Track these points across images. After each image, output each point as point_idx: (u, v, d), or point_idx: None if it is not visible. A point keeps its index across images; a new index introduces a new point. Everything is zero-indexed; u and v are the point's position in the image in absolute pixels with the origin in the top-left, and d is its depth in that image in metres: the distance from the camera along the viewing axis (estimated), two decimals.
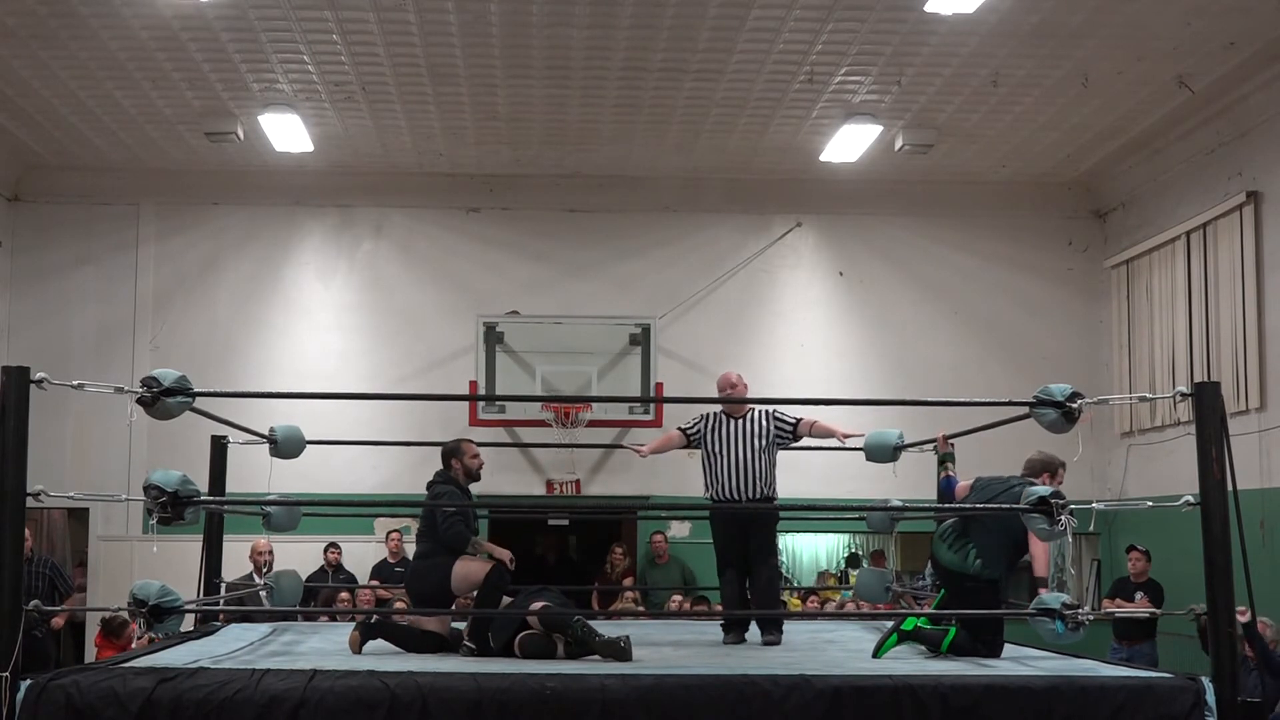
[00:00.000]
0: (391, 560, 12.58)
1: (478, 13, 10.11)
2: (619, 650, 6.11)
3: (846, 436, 7.58)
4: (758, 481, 7.43)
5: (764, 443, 7.47)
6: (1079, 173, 14.06)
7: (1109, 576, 13.16)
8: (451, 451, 7.12)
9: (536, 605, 6.48)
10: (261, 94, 11.80)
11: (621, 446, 13.33)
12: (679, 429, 7.76)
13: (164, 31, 10.45)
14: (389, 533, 12.89)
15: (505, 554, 6.87)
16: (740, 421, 7.53)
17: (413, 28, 10.37)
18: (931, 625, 6.76)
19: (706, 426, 7.57)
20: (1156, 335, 13.12)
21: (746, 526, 7.48)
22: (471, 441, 7.24)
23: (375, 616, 6.98)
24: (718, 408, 7.64)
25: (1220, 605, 5.35)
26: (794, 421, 7.57)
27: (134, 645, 7.13)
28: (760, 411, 7.57)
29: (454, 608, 7.01)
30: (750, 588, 7.55)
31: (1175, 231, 12.70)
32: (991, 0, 9.75)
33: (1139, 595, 11.33)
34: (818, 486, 12.33)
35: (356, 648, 6.62)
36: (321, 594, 11.78)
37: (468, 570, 6.73)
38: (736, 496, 7.44)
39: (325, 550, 12.74)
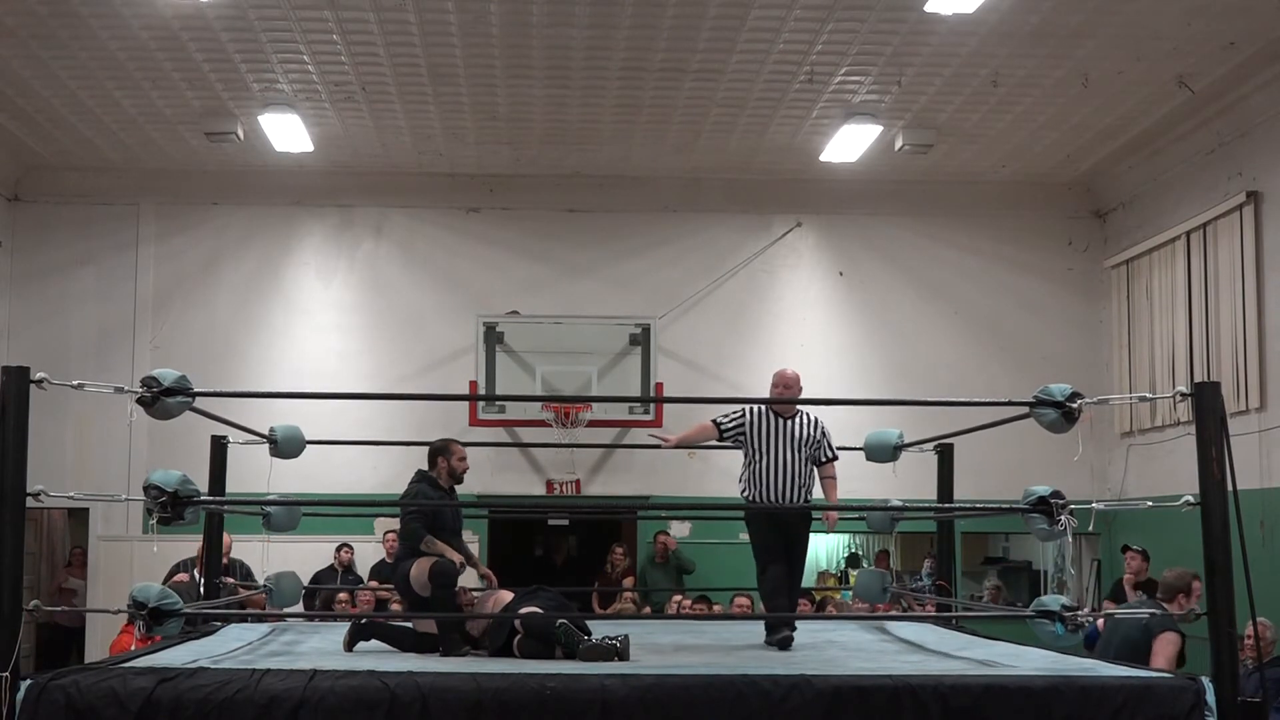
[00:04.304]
0: (390, 560, 12.57)
1: (478, 13, 10.11)
2: (605, 653, 6.09)
3: (832, 508, 7.50)
4: (802, 488, 7.25)
5: (810, 449, 7.31)
6: (1079, 173, 14.06)
7: (1109, 577, 13.16)
8: (440, 450, 7.03)
9: (525, 610, 6.47)
10: (261, 94, 11.80)
11: (625, 446, 13.43)
12: (713, 422, 7.43)
13: (164, 31, 10.45)
14: (386, 533, 12.88)
15: (456, 557, 6.74)
16: (790, 422, 7.30)
17: (413, 28, 10.37)
18: None
19: (751, 422, 7.30)
20: (1156, 335, 13.13)
21: (788, 530, 7.30)
22: (460, 443, 7.14)
23: (366, 619, 6.96)
24: (758, 405, 7.39)
25: (1220, 605, 5.34)
26: (832, 457, 7.42)
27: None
28: (810, 416, 7.38)
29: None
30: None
31: (1175, 231, 12.70)
32: (991, 0, 9.75)
33: (1139, 594, 11.29)
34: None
35: (347, 647, 6.64)
36: (321, 594, 11.76)
37: (419, 571, 6.71)
38: (779, 499, 7.21)
39: (338, 550, 12.74)
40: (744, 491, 7.39)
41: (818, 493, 7.52)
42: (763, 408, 7.37)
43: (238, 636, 7.18)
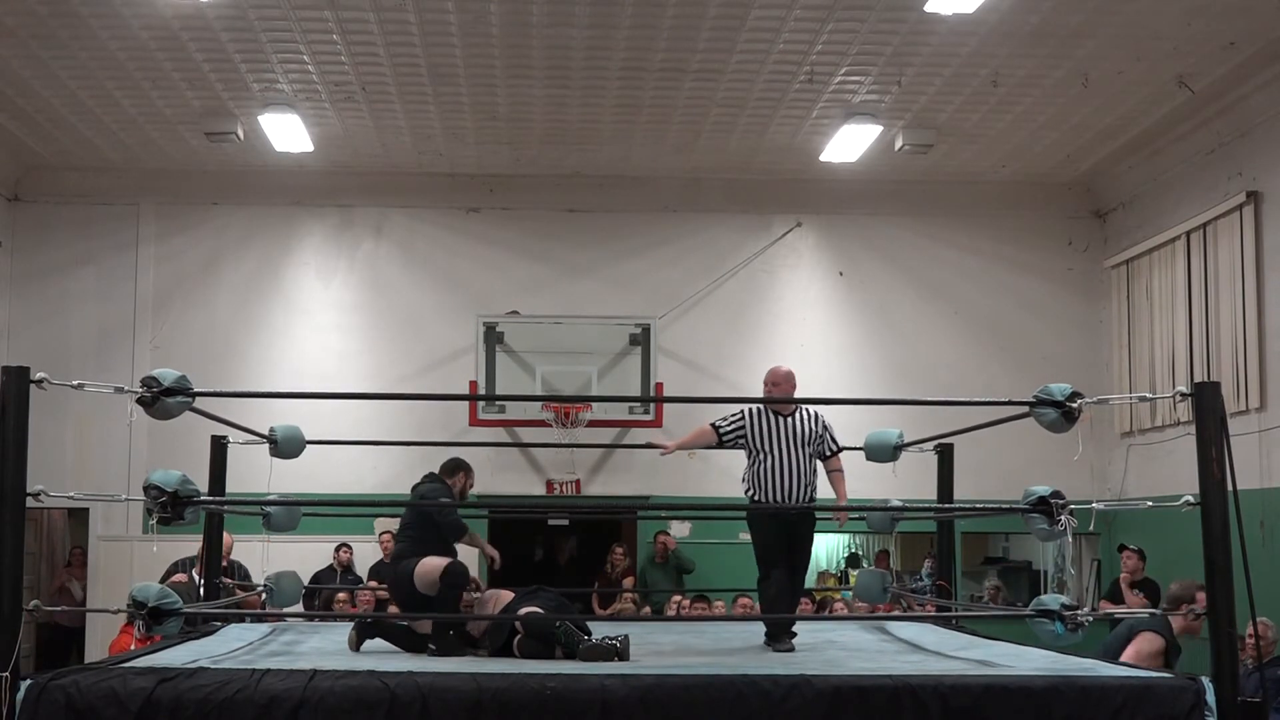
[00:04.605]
0: (387, 561, 12.56)
1: (478, 13, 10.11)
2: (605, 653, 6.08)
3: (841, 509, 7.42)
4: (808, 487, 7.17)
5: (813, 447, 7.22)
6: (1079, 173, 14.06)
7: (1109, 577, 13.15)
8: (461, 467, 7.18)
9: (525, 610, 6.47)
10: (261, 94, 11.80)
11: (625, 446, 13.42)
12: (712, 425, 7.33)
13: (164, 31, 10.45)
14: (381, 534, 12.84)
15: (493, 552, 6.88)
16: (789, 420, 7.21)
17: (413, 28, 10.37)
18: None
19: (751, 423, 7.21)
20: (1156, 335, 13.13)
21: (792, 529, 7.20)
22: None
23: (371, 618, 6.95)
24: (757, 405, 7.31)
25: (1220, 605, 5.34)
26: (837, 449, 7.33)
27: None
28: (810, 411, 7.30)
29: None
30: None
31: (1175, 231, 12.70)
32: (991, 0, 9.75)
33: (1136, 593, 11.27)
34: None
35: (354, 645, 6.65)
36: (321, 594, 11.75)
37: (428, 569, 6.72)
38: (784, 498, 7.12)
39: (336, 550, 12.75)
40: (747, 491, 7.30)
41: (825, 490, 7.44)
42: (762, 407, 7.32)
43: (238, 636, 7.18)
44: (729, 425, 7.29)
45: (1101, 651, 7.06)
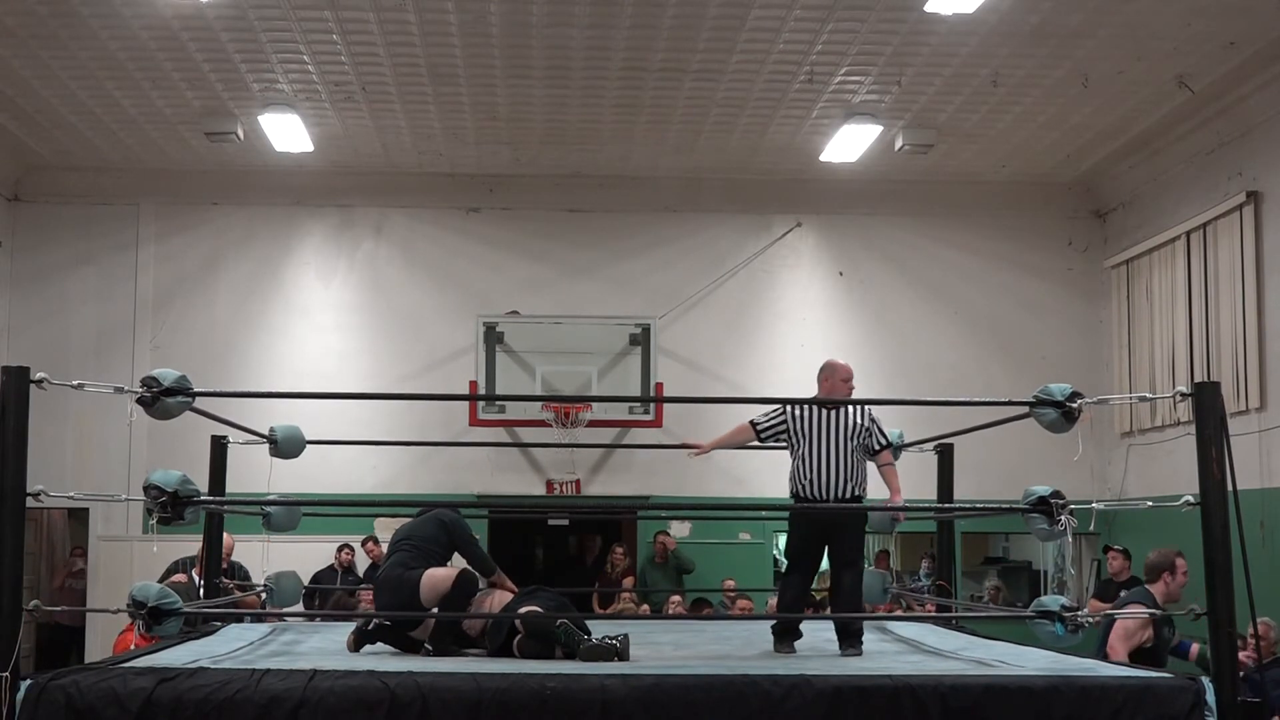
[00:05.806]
0: (379, 564, 12.51)
1: (478, 13, 10.12)
2: (605, 653, 6.08)
3: (896, 505, 7.14)
4: (850, 480, 6.91)
5: (859, 440, 6.95)
6: (1079, 173, 14.07)
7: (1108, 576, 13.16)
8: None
9: (525, 609, 6.47)
10: (261, 94, 11.80)
11: (625, 446, 13.42)
12: (751, 422, 7.10)
13: (164, 31, 10.46)
14: (365, 540, 12.78)
15: (514, 590, 6.85)
16: (835, 413, 6.97)
17: (413, 28, 10.37)
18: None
19: (792, 415, 6.97)
20: (1156, 335, 13.13)
21: (831, 527, 6.97)
22: None
23: (373, 624, 6.88)
24: (800, 401, 7.09)
25: (1220, 605, 5.34)
26: (885, 444, 7.05)
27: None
28: (855, 407, 7.07)
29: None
30: (834, 595, 7.21)
31: (1175, 231, 12.71)
32: (991, 0, 9.76)
33: (1123, 594, 11.24)
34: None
35: (352, 648, 6.64)
36: (321, 595, 11.73)
37: (435, 580, 6.68)
38: (827, 495, 6.87)
39: (338, 551, 12.74)
40: (791, 488, 7.07)
41: (779, 490, 7.28)
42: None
43: (238, 636, 7.18)
44: (768, 420, 7.07)
45: (1096, 651, 7.06)
